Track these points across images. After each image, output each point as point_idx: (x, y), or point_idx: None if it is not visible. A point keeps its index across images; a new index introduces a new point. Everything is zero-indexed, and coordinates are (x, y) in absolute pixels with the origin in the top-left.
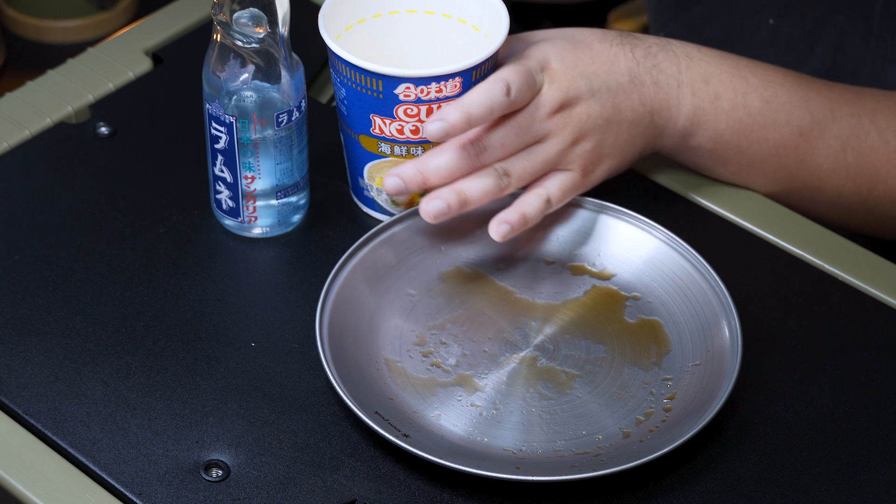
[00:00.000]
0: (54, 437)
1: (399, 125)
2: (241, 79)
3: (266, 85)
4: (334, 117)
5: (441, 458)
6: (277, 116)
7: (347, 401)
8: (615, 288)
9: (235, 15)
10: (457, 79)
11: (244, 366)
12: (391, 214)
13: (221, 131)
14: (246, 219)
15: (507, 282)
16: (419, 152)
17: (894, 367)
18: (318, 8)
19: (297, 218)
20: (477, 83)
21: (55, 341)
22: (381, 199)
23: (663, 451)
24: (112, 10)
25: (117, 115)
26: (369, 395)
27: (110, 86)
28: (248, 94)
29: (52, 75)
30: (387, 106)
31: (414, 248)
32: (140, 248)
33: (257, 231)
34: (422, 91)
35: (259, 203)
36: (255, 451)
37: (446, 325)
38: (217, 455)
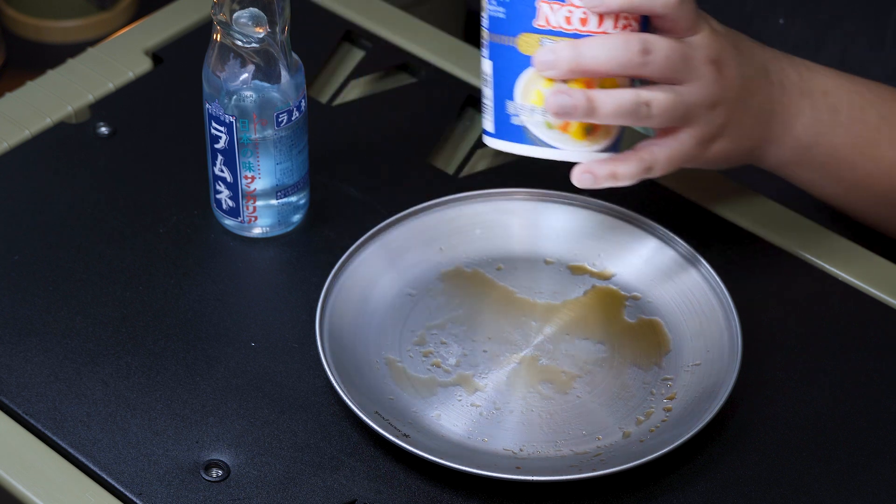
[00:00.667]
0: (54, 437)
1: (569, 11)
2: (241, 79)
3: (266, 85)
4: (334, 117)
5: (441, 458)
6: (277, 116)
7: (347, 401)
8: (615, 288)
9: (235, 15)
10: None
11: (244, 366)
12: (543, 145)
13: (221, 131)
14: (246, 219)
15: (507, 282)
16: None
17: (894, 367)
18: (318, 8)
19: (297, 218)
20: None
21: (55, 341)
22: (534, 123)
23: (663, 451)
24: (112, 10)
25: (117, 115)
26: (369, 395)
27: (110, 86)
28: (248, 94)
29: (52, 75)
30: None
31: (414, 248)
32: (140, 248)
33: (257, 231)
34: None
35: (259, 203)
36: (255, 451)
37: (446, 325)
38: (217, 455)
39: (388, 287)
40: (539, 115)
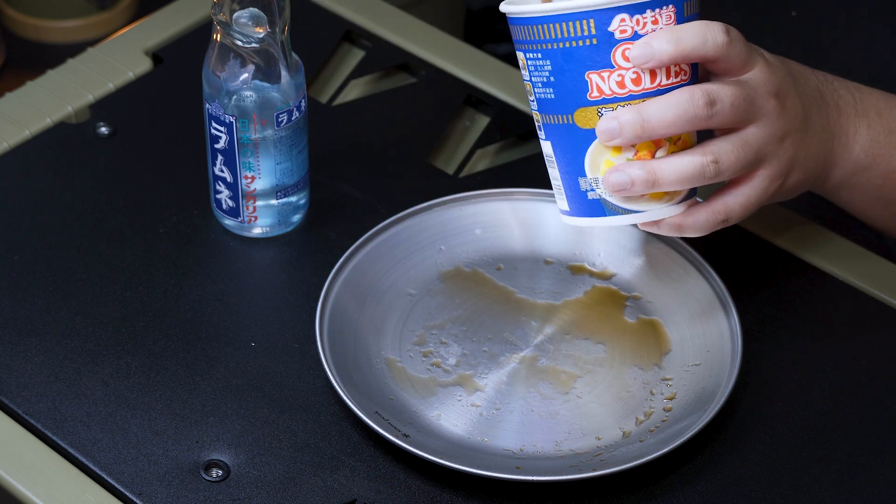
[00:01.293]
0: (54, 437)
1: (619, 76)
2: (241, 79)
3: (266, 85)
4: (334, 117)
5: (441, 458)
6: (277, 116)
7: (347, 401)
8: (615, 288)
9: (235, 15)
10: (670, 7)
11: (244, 366)
12: (626, 212)
13: (221, 131)
14: (246, 219)
15: (507, 282)
16: None
17: (894, 367)
18: (318, 8)
19: (297, 218)
20: (689, 19)
21: (55, 341)
22: (614, 194)
23: (663, 451)
24: (112, 10)
25: (117, 115)
26: (369, 395)
27: (110, 86)
28: (248, 93)
29: (52, 75)
30: (603, 53)
31: (414, 248)
32: (140, 248)
33: (257, 231)
34: (638, 23)
35: (259, 203)
36: (255, 451)
37: (446, 325)
38: (217, 455)
39: (388, 287)
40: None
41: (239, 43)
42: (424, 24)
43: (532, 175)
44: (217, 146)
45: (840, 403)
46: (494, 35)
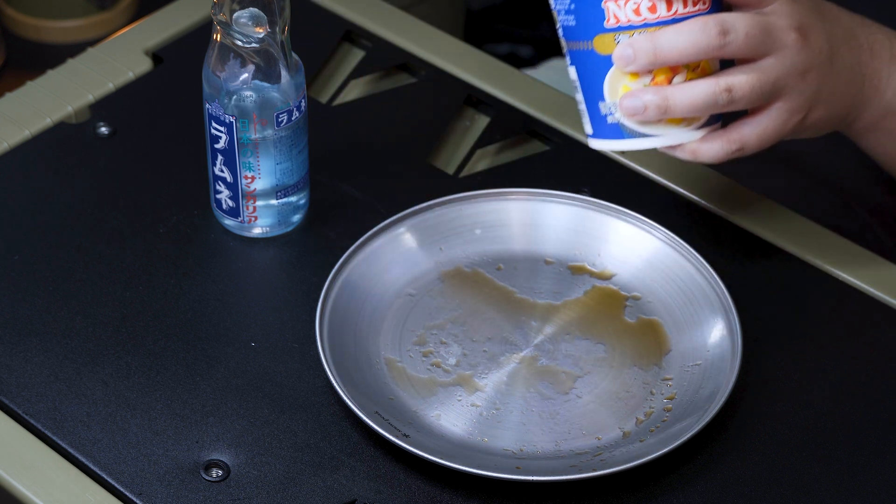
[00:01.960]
0: (54, 437)
1: (635, 3)
2: (241, 79)
3: (266, 85)
4: (334, 117)
5: (441, 458)
6: (277, 116)
7: (347, 401)
8: (615, 288)
9: (235, 15)
10: None
11: (244, 366)
12: (642, 136)
13: (221, 131)
14: (246, 219)
15: (507, 282)
16: None
17: (894, 367)
18: (318, 8)
19: (297, 218)
20: None
21: (55, 341)
22: (628, 118)
23: (663, 451)
24: (112, 10)
25: (117, 115)
26: (369, 395)
27: (110, 86)
28: (248, 94)
29: (52, 75)
30: None
31: (414, 248)
32: (140, 248)
33: (257, 231)
34: None
35: (259, 203)
36: (255, 451)
37: (446, 325)
38: (217, 455)
39: (388, 287)
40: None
41: (239, 43)
42: (424, 24)
43: (532, 175)
44: (217, 146)
45: (840, 403)
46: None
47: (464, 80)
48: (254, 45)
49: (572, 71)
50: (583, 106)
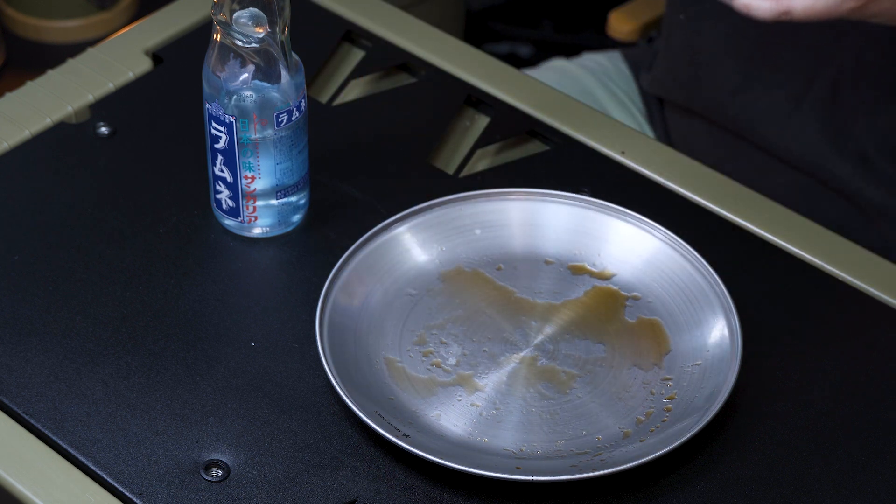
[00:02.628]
0: (54, 437)
1: None
2: (241, 79)
3: (266, 85)
4: (334, 117)
5: (441, 458)
6: (277, 116)
7: (347, 401)
8: (615, 288)
9: (235, 15)
10: None
11: (244, 366)
12: None
13: (221, 131)
14: (246, 219)
15: (507, 282)
16: None
17: (894, 367)
18: (318, 8)
19: (297, 218)
20: None
21: (55, 341)
22: None
23: (663, 451)
24: (112, 10)
25: (117, 115)
26: (369, 395)
27: (110, 86)
28: (248, 94)
29: (52, 75)
30: None
31: (414, 248)
32: (140, 248)
33: (257, 231)
34: None
35: (259, 203)
36: (255, 451)
37: (446, 325)
38: (217, 455)
39: (388, 287)
40: None
41: (239, 43)
42: (424, 24)
43: (532, 175)
44: (217, 146)
45: (840, 403)
46: (494, 35)
47: (464, 80)
48: (254, 45)
49: None
50: None
